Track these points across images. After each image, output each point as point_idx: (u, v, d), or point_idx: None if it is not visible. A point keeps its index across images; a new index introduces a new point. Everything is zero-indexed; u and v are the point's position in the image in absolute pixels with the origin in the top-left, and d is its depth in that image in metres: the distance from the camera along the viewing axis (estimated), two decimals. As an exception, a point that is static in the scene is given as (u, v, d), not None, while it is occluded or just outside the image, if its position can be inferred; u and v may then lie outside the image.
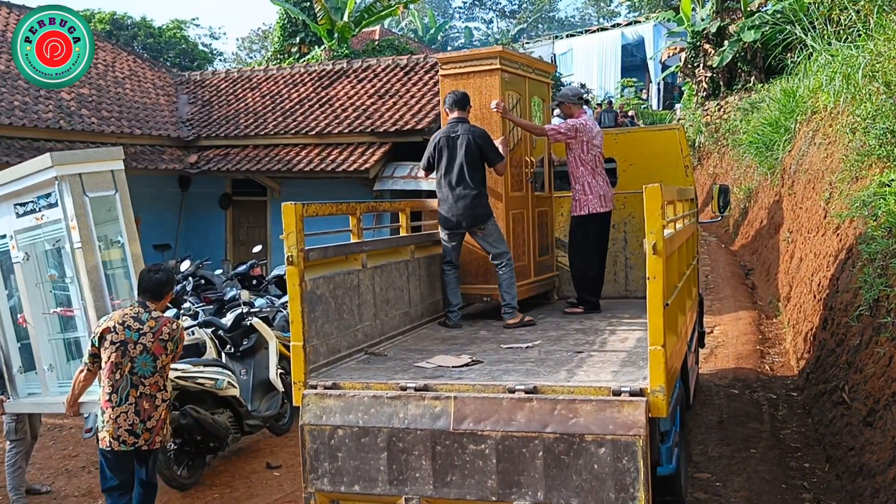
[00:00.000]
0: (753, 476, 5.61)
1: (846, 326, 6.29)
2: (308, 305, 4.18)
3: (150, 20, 38.47)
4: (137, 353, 4.51)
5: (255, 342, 7.04)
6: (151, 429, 4.53)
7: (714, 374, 8.30)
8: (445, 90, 6.03)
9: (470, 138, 5.60)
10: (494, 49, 6.17)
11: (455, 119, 5.73)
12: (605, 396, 3.55)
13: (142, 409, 4.50)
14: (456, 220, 5.65)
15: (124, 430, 4.47)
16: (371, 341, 4.85)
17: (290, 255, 4.10)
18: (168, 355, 4.64)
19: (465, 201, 5.60)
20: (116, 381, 4.50)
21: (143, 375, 4.53)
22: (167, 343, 4.61)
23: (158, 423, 4.57)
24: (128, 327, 4.53)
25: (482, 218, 5.65)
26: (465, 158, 5.59)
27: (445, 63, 6.23)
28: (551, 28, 53.70)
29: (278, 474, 6.23)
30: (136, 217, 5.91)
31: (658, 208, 3.50)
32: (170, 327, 4.66)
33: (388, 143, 12.41)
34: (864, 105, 7.71)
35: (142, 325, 4.56)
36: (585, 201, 6.08)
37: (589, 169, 6.06)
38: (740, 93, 18.91)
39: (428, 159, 5.84)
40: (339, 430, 3.90)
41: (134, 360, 4.51)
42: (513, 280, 5.71)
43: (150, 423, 4.53)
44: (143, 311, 4.62)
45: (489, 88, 5.95)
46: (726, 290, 11.64)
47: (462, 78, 6.03)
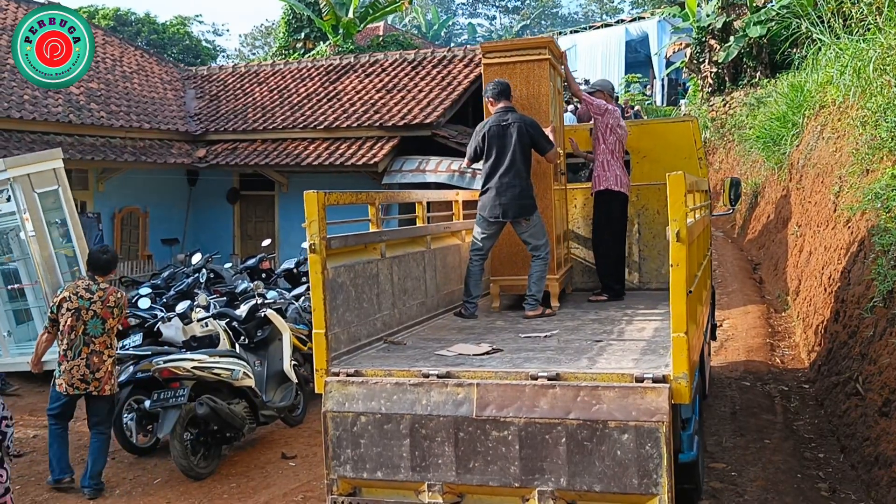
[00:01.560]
0: (769, 466, 5.64)
1: (859, 318, 6.31)
2: (330, 293, 4.19)
3: (154, 16, 38.59)
4: (89, 318, 5.66)
5: (269, 333, 7.08)
6: (100, 378, 5.68)
7: (725, 366, 8.33)
8: (489, 79, 5.92)
9: (522, 126, 5.52)
10: (543, 38, 6.12)
11: (503, 108, 5.63)
12: (629, 383, 3.56)
13: (92, 363, 5.65)
14: (502, 210, 5.52)
15: (77, 379, 5.63)
16: (389, 330, 4.87)
17: (312, 243, 4.10)
18: (114, 319, 5.78)
19: (514, 191, 5.50)
20: (71, 340, 5.62)
21: (94, 336, 5.68)
22: (114, 309, 5.77)
23: (106, 375, 5.71)
24: (80, 297, 5.66)
25: (528, 209, 5.56)
26: (517, 147, 5.50)
27: (489, 52, 6.09)
28: (554, 24, 53.67)
29: (294, 464, 6.27)
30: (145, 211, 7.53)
31: (681, 196, 3.51)
32: (115, 296, 5.81)
33: (396, 137, 12.44)
34: (875, 98, 7.72)
35: (92, 295, 5.71)
36: (605, 177, 6.25)
37: (609, 150, 6.24)
38: (746, 88, 18.91)
39: (475, 149, 5.73)
40: (362, 416, 3.92)
41: (86, 324, 5.65)
42: (544, 274, 5.66)
43: (99, 374, 5.67)
44: (92, 283, 5.78)
45: (537, 78, 5.87)
46: (734, 285, 11.66)
47: (508, 67, 5.92)
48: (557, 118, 6.40)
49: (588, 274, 6.94)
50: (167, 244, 14.06)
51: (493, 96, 5.70)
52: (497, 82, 5.71)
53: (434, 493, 3.82)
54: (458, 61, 13.99)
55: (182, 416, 5.83)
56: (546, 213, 6.01)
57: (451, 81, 13.31)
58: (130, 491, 5.82)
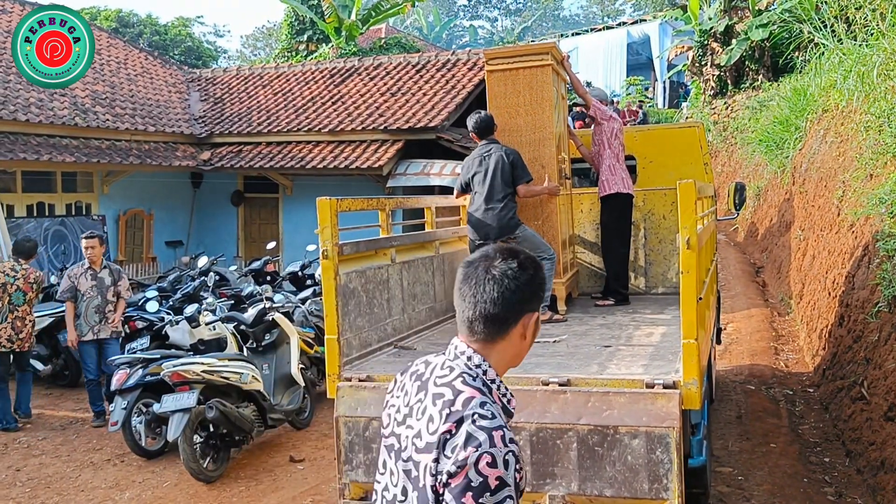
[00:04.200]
0: (775, 470, 5.67)
1: (863, 323, 6.34)
2: (342, 299, 4.23)
3: (156, 18, 38.61)
4: (13, 291, 7.42)
5: (276, 337, 7.11)
6: (22, 338, 7.47)
7: (730, 370, 8.36)
8: (493, 86, 6.00)
9: (501, 155, 5.63)
10: (546, 44, 6.18)
11: (486, 142, 5.77)
12: (639, 389, 3.60)
13: (16, 326, 7.43)
14: (484, 233, 5.65)
15: (5, 339, 7.37)
16: (399, 335, 4.91)
17: (324, 249, 4.14)
18: (33, 293, 7.58)
19: (492, 213, 5.61)
20: (0, 308, 7.31)
21: (17, 305, 7.43)
22: (33, 285, 7.57)
23: (26, 335, 7.51)
24: (7, 275, 7.44)
25: (509, 229, 5.62)
26: (496, 173, 5.61)
27: (492, 59, 6.11)
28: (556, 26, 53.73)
29: (302, 468, 6.29)
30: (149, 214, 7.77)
31: (692, 204, 3.56)
32: (35, 275, 7.62)
33: (400, 140, 12.48)
34: (879, 103, 7.75)
35: (16, 273, 7.48)
36: (613, 181, 6.34)
37: (615, 154, 6.36)
38: (748, 91, 18.96)
39: (461, 183, 5.88)
40: (374, 421, 3.95)
41: (11, 295, 7.39)
42: (550, 275, 5.65)
43: (22, 335, 7.46)
44: (17, 265, 7.54)
45: (540, 84, 5.92)
46: (737, 288, 11.69)
47: (511, 73, 5.96)
48: (562, 123, 6.44)
49: (594, 278, 6.98)
50: (171, 246, 14.10)
51: (477, 132, 5.81)
52: (480, 118, 5.78)
53: (445, 498, 3.87)
54: (461, 65, 14.04)
55: (192, 420, 5.86)
56: (552, 217, 6.05)
57: (455, 85, 13.35)
58: (140, 494, 5.85)
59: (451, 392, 1.73)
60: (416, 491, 1.71)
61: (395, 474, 1.79)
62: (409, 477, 1.73)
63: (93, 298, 7.45)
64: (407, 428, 1.78)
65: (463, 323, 1.84)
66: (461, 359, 1.81)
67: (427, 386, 1.79)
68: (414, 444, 1.73)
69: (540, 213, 6.08)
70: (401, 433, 1.80)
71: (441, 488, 1.64)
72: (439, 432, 1.67)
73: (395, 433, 1.82)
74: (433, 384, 1.78)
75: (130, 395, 6.31)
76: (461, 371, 1.78)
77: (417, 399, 1.80)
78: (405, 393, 1.86)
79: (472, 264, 1.85)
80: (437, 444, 1.66)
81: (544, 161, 6.02)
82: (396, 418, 1.84)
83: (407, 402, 1.83)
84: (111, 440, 6.96)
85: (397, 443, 1.80)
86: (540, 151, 6.00)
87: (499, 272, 1.81)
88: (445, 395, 1.73)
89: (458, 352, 1.83)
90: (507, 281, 1.80)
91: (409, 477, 1.73)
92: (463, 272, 1.87)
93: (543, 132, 5.98)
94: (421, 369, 1.88)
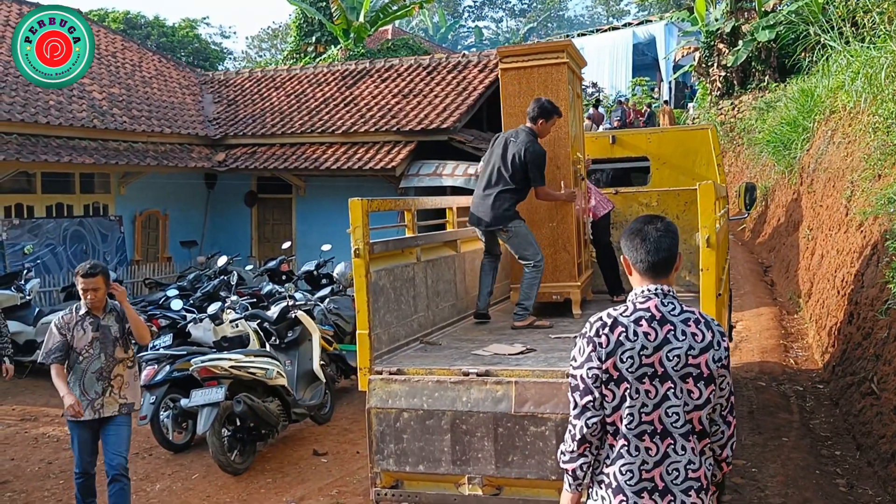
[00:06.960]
0: (787, 463, 5.83)
1: (873, 320, 6.49)
2: (372, 296, 4.40)
3: (163, 19, 38.86)
4: None
5: (298, 334, 7.29)
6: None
7: (740, 367, 8.51)
8: (506, 84, 5.96)
9: (521, 148, 5.45)
10: (561, 42, 6.08)
11: (522, 127, 5.59)
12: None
13: None
14: (477, 219, 5.60)
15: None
16: (424, 331, 5.07)
17: (357, 248, 4.30)
18: None
19: (488, 201, 5.52)
20: None
21: None
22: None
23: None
24: None
25: (501, 220, 5.48)
26: (506, 162, 5.50)
27: (506, 56, 6.02)
28: (561, 27, 53.86)
29: (325, 461, 6.48)
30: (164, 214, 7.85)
31: (711, 204, 3.72)
32: None
33: (413, 141, 12.64)
34: (887, 105, 7.90)
35: None
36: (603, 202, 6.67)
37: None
38: (755, 92, 19.09)
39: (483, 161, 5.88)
40: (405, 413, 4.12)
41: None
42: (534, 283, 5.52)
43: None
44: None
45: (555, 82, 5.85)
46: (746, 287, 11.84)
47: (525, 72, 5.89)
48: (577, 123, 6.40)
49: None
50: (186, 246, 14.28)
51: (528, 112, 5.63)
52: (536, 103, 5.58)
53: (474, 486, 4.03)
54: (472, 66, 14.20)
55: (220, 414, 6.04)
56: (567, 218, 6.13)
57: (467, 87, 13.52)
58: (171, 486, 6.03)
59: (696, 313, 2.58)
60: (701, 381, 2.51)
61: (656, 390, 2.51)
62: (689, 377, 2.51)
63: (93, 360, 4.93)
64: (668, 351, 2.50)
65: (648, 269, 2.61)
66: (670, 296, 2.60)
67: (668, 319, 2.54)
68: (688, 355, 2.50)
69: (555, 215, 6.10)
70: (661, 356, 2.51)
71: (720, 370, 2.53)
72: (708, 339, 2.53)
73: (649, 362, 2.50)
74: (671, 315, 2.55)
75: (158, 391, 6.50)
76: (678, 300, 2.61)
77: (667, 329, 2.52)
78: (638, 336, 2.52)
79: (641, 228, 2.66)
80: (709, 345, 2.52)
81: (559, 162, 6.00)
82: (645, 353, 2.51)
83: (655, 337, 2.51)
84: (139, 434, 7.09)
85: (659, 365, 2.50)
86: (555, 152, 5.92)
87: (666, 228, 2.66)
88: (692, 316, 2.56)
89: (664, 291, 2.60)
90: (672, 234, 2.65)
91: (689, 377, 2.51)
92: (635, 233, 2.66)
93: (558, 132, 5.87)
94: (641, 314, 2.56)
